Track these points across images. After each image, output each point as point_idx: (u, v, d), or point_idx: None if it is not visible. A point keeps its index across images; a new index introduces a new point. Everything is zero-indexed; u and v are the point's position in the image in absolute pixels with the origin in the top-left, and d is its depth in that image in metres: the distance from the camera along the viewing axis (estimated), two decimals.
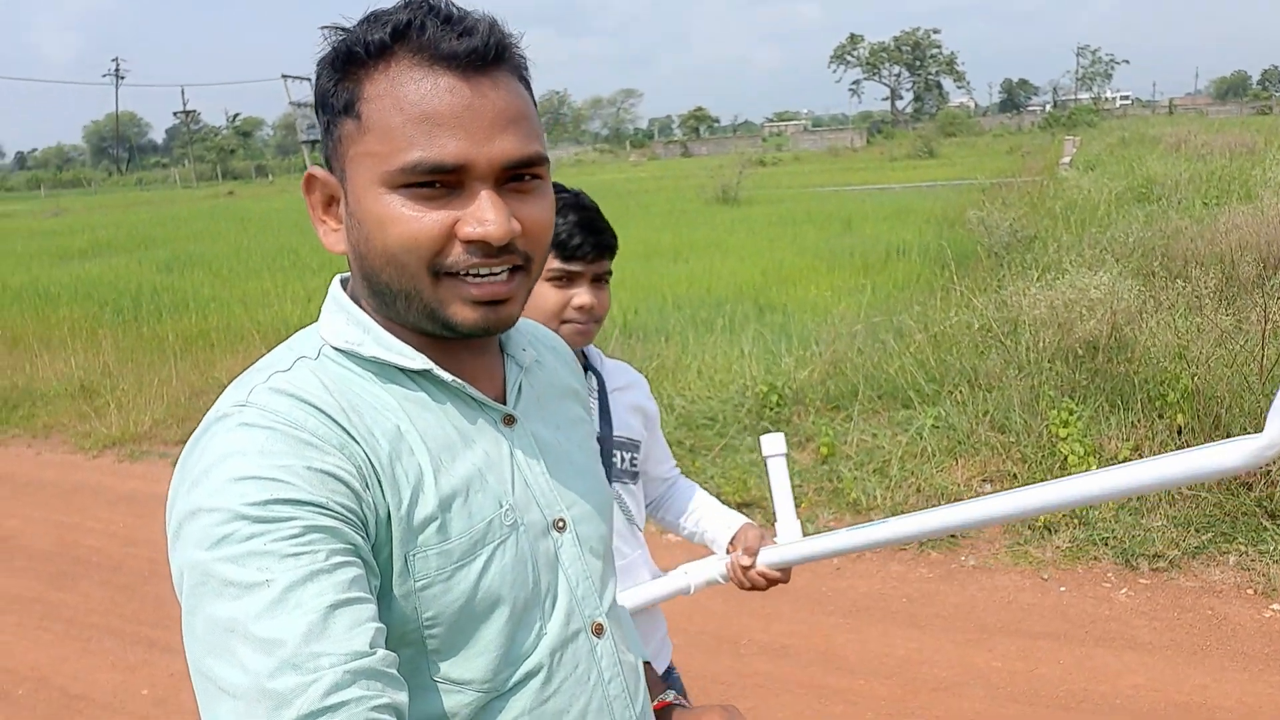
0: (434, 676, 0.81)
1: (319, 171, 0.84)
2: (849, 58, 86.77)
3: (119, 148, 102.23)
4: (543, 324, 1.52)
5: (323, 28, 0.80)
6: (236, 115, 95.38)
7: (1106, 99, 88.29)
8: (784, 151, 52.90)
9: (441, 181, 0.76)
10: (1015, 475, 4.31)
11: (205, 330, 8.95)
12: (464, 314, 0.80)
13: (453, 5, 0.78)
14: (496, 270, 0.79)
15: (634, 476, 1.64)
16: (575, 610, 0.89)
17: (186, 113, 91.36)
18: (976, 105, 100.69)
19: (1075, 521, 3.85)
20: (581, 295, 1.50)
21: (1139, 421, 4.44)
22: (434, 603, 0.79)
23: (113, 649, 3.60)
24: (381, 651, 0.70)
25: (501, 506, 0.83)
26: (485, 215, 0.77)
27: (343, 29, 0.79)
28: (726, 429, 5.27)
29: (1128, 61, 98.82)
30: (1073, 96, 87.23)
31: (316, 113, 0.82)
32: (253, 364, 0.84)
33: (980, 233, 9.21)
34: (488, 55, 0.77)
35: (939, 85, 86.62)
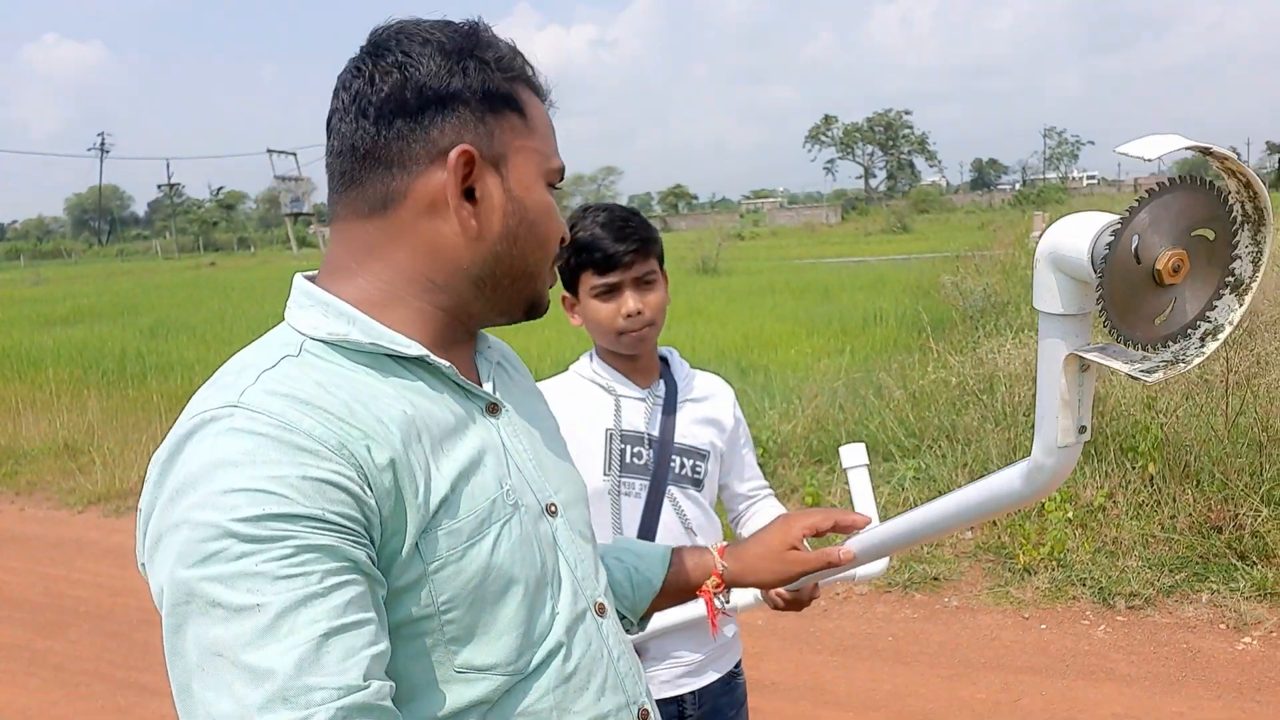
0: (456, 667, 0.80)
1: (476, 152, 0.83)
2: (823, 138, 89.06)
3: (100, 220, 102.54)
4: (605, 338, 1.62)
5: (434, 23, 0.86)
6: (220, 189, 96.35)
7: (1074, 178, 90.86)
8: (761, 227, 53.91)
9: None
10: (995, 522, 4.42)
11: (191, 391, 8.78)
12: (546, 295, 0.94)
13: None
14: None
15: (696, 484, 1.67)
16: (579, 590, 0.92)
17: (170, 185, 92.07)
18: (948, 184, 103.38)
19: (1054, 564, 3.95)
20: (627, 303, 1.57)
21: (1113, 470, 4.59)
22: (449, 584, 0.79)
23: (102, 693, 3.60)
24: (375, 683, 0.69)
25: (502, 487, 0.85)
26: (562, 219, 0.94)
27: (465, 33, 0.86)
28: None
29: (1093, 142, 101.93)
30: (1041, 176, 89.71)
31: (448, 96, 0.82)
32: (230, 363, 0.81)
33: (955, 298, 9.47)
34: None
35: (911, 164, 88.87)
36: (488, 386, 0.93)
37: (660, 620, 1.59)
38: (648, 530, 1.62)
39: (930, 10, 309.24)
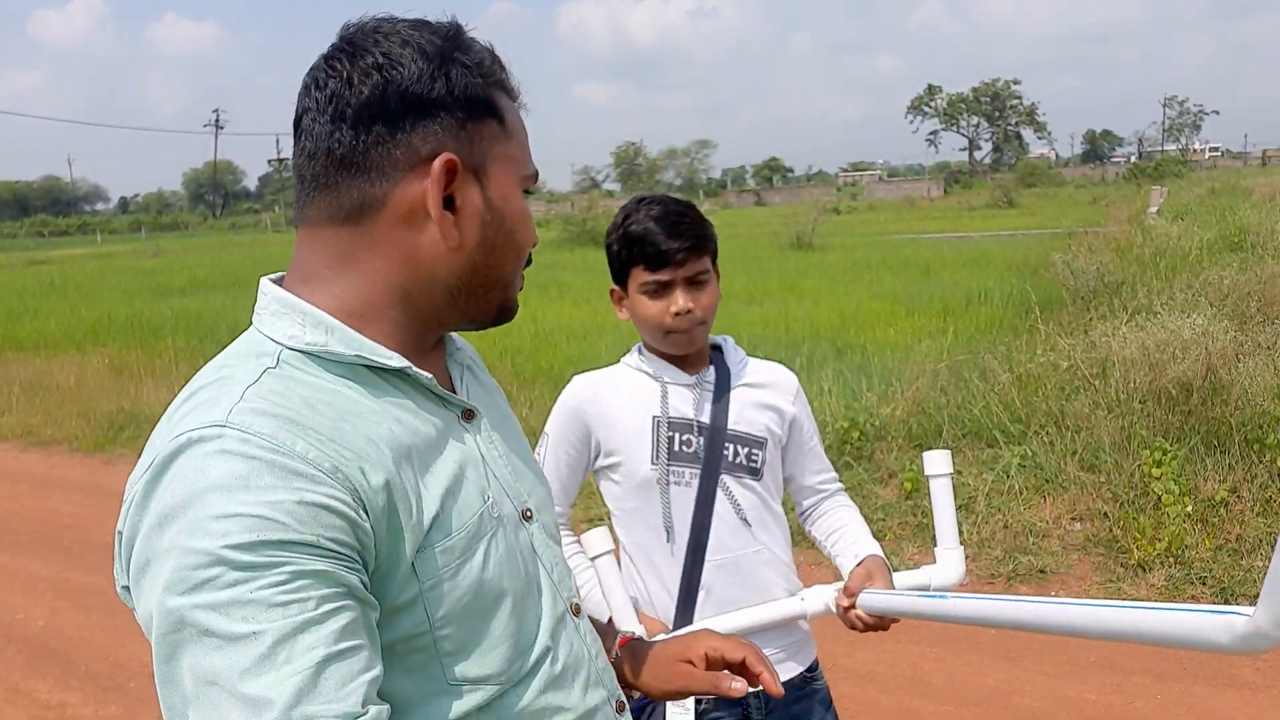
0: (451, 680, 0.81)
1: (459, 161, 0.81)
2: (926, 108, 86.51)
3: (215, 194, 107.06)
4: (652, 335, 1.57)
5: (411, 24, 0.83)
6: None
7: (1195, 150, 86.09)
8: (859, 200, 52.77)
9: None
10: (1106, 514, 4.23)
11: None
12: (515, 300, 0.92)
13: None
14: None
15: (753, 472, 1.60)
16: (556, 593, 0.93)
17: (279, 160, 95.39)
18: (1058, 156, 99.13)
19: (1171, 560, 3.76)
20: (677, 301, 1.51)
21: (1236, 464, 4.33)
22: (444, 601, 0.78)
23: None
24: (373, 709, 0.69)
25: (485, 500, 0.85)
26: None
27: (447, 37, 0.83)
28: None
29: (1217, 112, 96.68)
30: (1159, 148, 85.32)
31: (428, 102, 0.80)
32: (205, 375, 0.79)
33: (1065, 277, 9.08)
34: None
35: (1019, 136, 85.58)
36: (462, 393, 0.92)
37: (734, 621, 1.54)
38: (701, 521, 1.57)
39: None
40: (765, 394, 1.65)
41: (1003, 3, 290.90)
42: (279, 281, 0.85)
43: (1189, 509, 4.01)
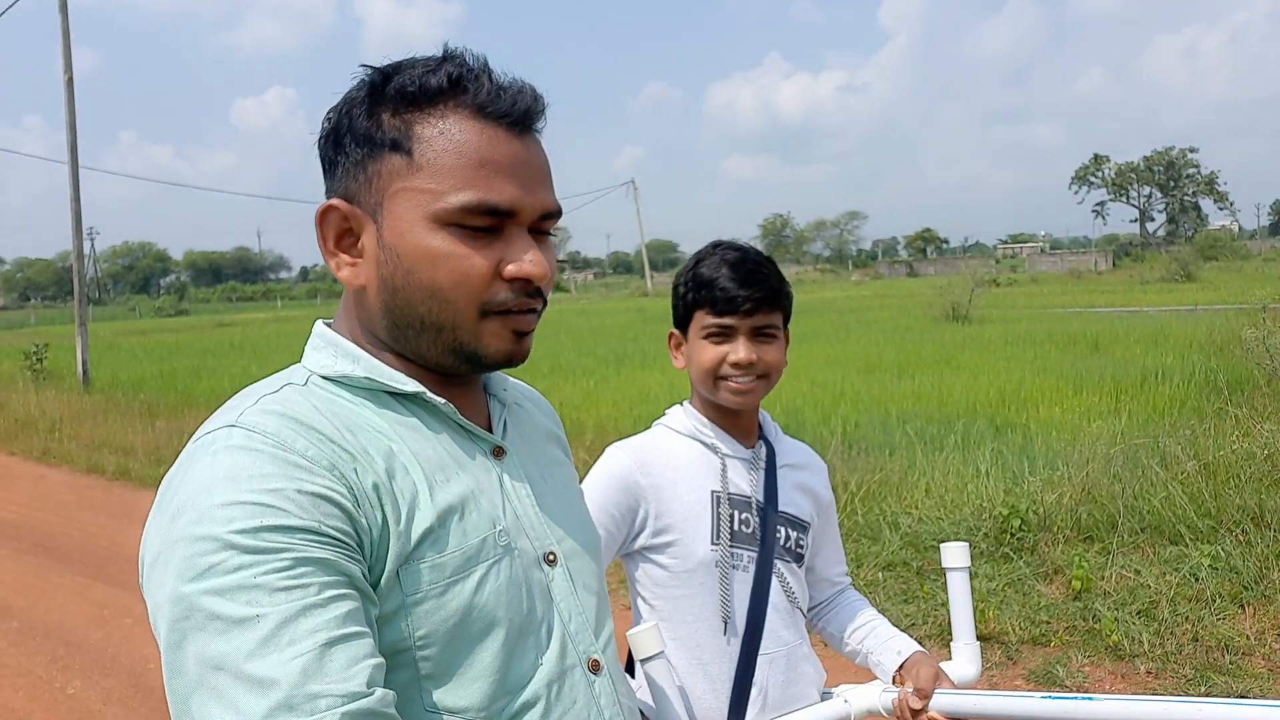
0: (427, 706, 0.79)
1: (342, 204, 0.83)
2: (1092, 179, 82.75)
3: None
4: (701, 382, 1.47)
5: (363, 65, 0.84)
6: None
7: None
8: (1019, 273, 50.65)
9: (489, 225, 0.81)
10: None
11: None
12: (496, 345, 0.84)
13: (492, 68, 0.85)
14: (531, 308, 0.85)
15: (799, 559, 1.52)
16: (570, 645, 0.88)
17: None
18: (1241, 228, 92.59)
19: None
20: (738, 350, 1.42)
21: None
22: (427, 619, 0.77)
23: None
24: (380, 690, 0.68)
25: (495, 527, 0.84)
26: (534, 257, 0.83)
27: (383, 70, 0.83)
28: None
29: None
30: None
31: (338, 145, 0.84)
32: (238, 394, 0.84)
33: (1260, 355, 8.19)
34: (533, 119, 0.85)
35: (1196, 207, 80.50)
36: (498, 428, 0.93)
37: None
38: (758, 610, 1.45)
39: (1221, 38, 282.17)
40: (805, 476, 1.59)
41: (1173, 68, 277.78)
42: (330, 323, 0.92)
43: None
